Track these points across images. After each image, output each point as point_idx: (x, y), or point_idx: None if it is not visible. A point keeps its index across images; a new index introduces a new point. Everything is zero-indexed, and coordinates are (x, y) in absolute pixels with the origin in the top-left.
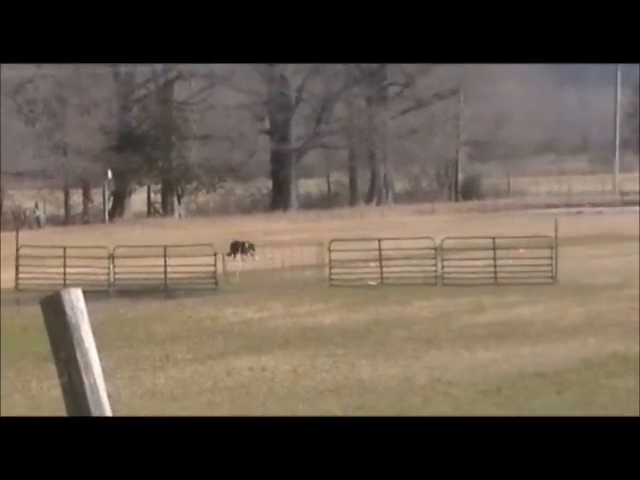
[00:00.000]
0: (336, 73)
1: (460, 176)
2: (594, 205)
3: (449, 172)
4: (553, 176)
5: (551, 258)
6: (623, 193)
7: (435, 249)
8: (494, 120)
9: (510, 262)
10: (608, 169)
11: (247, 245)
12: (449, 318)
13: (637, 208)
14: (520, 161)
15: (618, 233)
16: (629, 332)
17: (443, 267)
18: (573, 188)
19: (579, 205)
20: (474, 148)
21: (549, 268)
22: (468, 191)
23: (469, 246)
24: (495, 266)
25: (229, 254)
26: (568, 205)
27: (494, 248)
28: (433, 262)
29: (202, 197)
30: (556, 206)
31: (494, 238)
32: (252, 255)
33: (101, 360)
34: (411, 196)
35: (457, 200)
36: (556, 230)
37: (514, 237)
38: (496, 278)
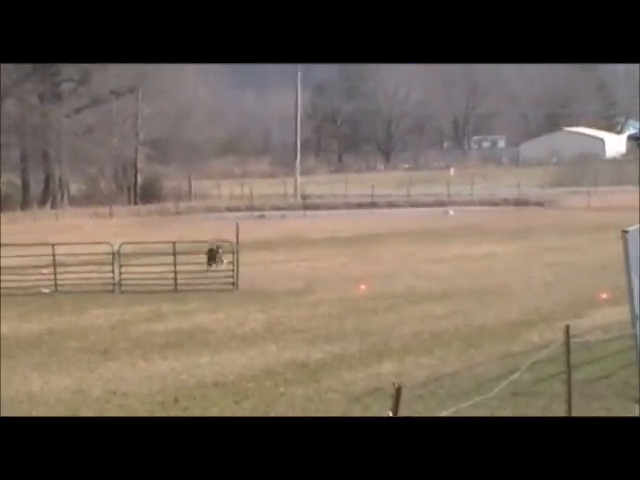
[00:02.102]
0: (5, 66)
1: (139, 178)
2: (276, 209)
3: (128, 173)
4: (235, 178)
5: (232, 263)
6: (305, 196)
7: (113, 254)
8: (175, 120)
9: (191, 268)
10: (290, 172)
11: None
12: (126, 327)
13: (318, 212)
14: (202, 163)
15: (301, 237)
16: (308, 339)
17: (121, 273)
18: (255, 191)
19: (261, 209)
20: (154, 149)
21: (230, 274)
22: (148, 193)
23: (149, 251)
24: (175, 272)
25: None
26: (250, 209)
27: (174, 253)
28: (111, 268)
29: None
30: (238, 209)
31: (174, 243)
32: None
33: None
34: (88, 198)
35: (136, 203)
36: (237, 234)
37: (195, 242)
38: (176, 284)
